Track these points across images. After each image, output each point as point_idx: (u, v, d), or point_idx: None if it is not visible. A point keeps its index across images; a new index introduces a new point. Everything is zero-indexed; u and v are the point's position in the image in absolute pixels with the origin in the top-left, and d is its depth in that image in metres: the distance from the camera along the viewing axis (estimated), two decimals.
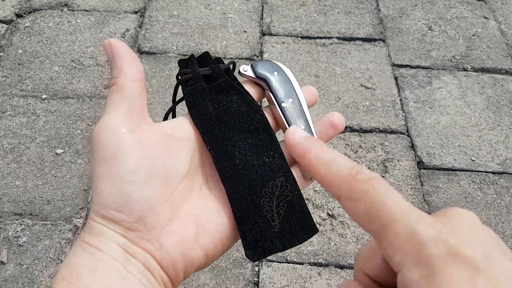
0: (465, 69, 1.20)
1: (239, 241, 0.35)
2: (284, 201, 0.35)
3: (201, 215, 0.32)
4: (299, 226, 0.35)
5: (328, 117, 0.37)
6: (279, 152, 0.36)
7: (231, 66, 0.40)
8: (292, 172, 0.35)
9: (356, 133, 1.05)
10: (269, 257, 0.84)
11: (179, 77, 0.39)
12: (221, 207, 0.33)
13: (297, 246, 0.85)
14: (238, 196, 0.34)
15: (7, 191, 0.92)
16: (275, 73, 0.40)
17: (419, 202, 0.93)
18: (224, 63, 0.40)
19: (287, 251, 0.85)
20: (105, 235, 0.28)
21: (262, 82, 0.40)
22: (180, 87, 0.39)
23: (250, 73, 0.40)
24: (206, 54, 0.40)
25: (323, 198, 0.93)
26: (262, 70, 0.40)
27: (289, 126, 0.38)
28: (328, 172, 0.24)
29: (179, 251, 0.29)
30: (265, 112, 0.39)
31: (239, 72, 0.40)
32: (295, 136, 0.28)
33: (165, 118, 0.39)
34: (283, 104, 0.38)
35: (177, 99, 0.41)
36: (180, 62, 0.41)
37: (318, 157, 0.25)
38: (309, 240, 0.87)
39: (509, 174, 0.99)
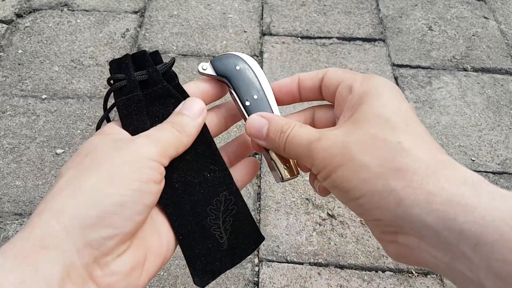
0: (465, 69, 1.20)
1: None
2: (230, 215, 0.33)
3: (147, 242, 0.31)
4: (247, 238, 0.34)
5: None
6: (220, 164, 0.34)
7: (169, 65, 0.36)
8: (235, 183, 0.34)
9: None
10: (269, 257, 0.84)
11: (111, 83, 0.34)
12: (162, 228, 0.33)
13: (296, 246, 0.85)
14: (181, 222, 0.31)
15: (7, 191, 0.92)
16: (237, 67, 0.36)
17: None
18: (162, 60, 0.36)
19: (286, 251, 0.85)
20: (58, 248, 0.24)
21: (224, 80, 0.37)
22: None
23: (210, 71, 0.37)
24: (143, 54, 0.36)
25: (323, 198, 0.93)
26: (222, 67, 0.36)
27: None
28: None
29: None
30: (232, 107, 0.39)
31: (199, 71, 0.37)
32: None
33: (98, 128, 0.35)
34: (246, 103, 0.36)
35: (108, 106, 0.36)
36: (112, 63, 0.35)
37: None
38: (309, 240, 0.87)
39: (509, 174, 0.99)
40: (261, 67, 1.18)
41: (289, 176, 0.36)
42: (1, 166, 0.96)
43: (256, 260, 0.84)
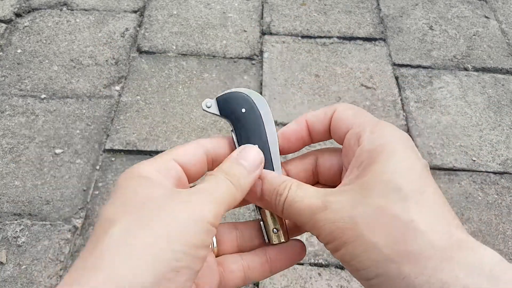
0: (466, 69, 1.20)
1: None
2: None
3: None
4: None
5: None
6: None
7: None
8: None
9: None
10: None
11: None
12: None
13: None
14: None
15: (6, 191, 0.92)
16: (243, 110, 0.33)
17: None
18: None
19: None
20: None
21: (227, 121, 0.34)
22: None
23: (214, 109, 0.34)
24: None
25: None
26: (227, 107, 0.33)
27: None
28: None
29: None
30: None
31: (202, 108, 0.34)
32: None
33: None
34: None
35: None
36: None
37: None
38: (309, 240, 0.86)
39: (510, 174, 0.98)
40: (261, 66, 1.18)
41: (276, 242, 0.33)
42: (0, 166, 0.96)
43: None
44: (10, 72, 1.14)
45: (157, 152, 0.96)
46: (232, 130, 0.33)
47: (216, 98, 0.34)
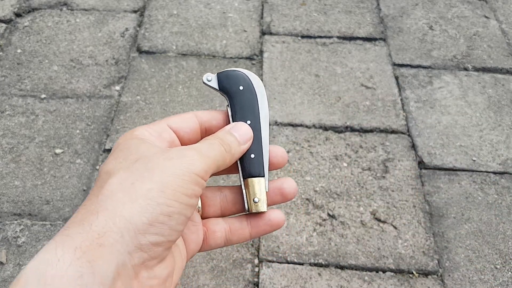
0: (466, 69, 1.20)
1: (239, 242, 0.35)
2: None
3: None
4: None
5: (281, 183, 0.36)
6: None
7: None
8: None
9: (357, 133, 1.05)
10: (269, 258, 0.84)
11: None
12: None
13: (297, 247, 0.85)
14: None
15: (6, 191, 0.92)
16: (241, 87, 0.36)
17: (420, 202, 0.92)
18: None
19: (287, 251, 0.84)
20: (113, 248, 0.26)
21: (224, 95, 0.37)
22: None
23: (214, 83, 0.37)
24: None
25: (323, 199, 0.92)
26: (226, 83, 0.36)
27: None
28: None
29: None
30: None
31: (203, 81, 0.37)
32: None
33: None
34: None
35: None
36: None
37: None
38: (309, 240, 0.86)
39: (510, 174, 0.98)
40: (261, 66, 1.18)
41: (255, 211, 0.35)
42: (0, 166, 0.96)
43: (256, 261, 0.83)
44: (10, 72, 1.14)
45: None
46: (228, 105, 0.36)
47: (217, 74, 0.37)
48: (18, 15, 1.28)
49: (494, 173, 0.98)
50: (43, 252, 0.25)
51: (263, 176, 0.35)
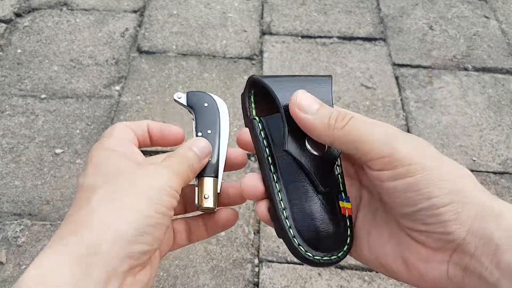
0: (466, 69, 1.20)
1: (239, 241, 0.36)
2: None
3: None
4: None
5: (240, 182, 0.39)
6: None
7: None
8: None
9: None
10: (269, 258, 0.84)
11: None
12: None
13: None
14: None
15: (6, 191, 0.92)
16: (205, 104, 0.42)
17: None
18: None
19: (287, 251, 0.84)
20: (107, 255, 0.29)
21: (191, 110, 0.42)
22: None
23: (183, 100, 0.42)
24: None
25: None
26: (194, 100, 0.42)
27: None
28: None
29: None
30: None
31: (174, 99, 0.42)
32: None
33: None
34: (199, 134, 0.40)
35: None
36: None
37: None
38: None
39: (510, 174, 0.98)
40: (261, 66, 1.18)
41: (204, 207, 0.38)
42: (0, 166, 0.96)
43: (256, 261, 0.83)
44: (10, 72, 1.14)
45: (157, 152, 0.95)
46: (193, 118, 0.41)
47: (187, 93, 0.42)
48: (18, 15, 1.28)
49: (494, 173, 0.98)
50: (42, 259, 0.28)
51: (216, 177, 0.38)
